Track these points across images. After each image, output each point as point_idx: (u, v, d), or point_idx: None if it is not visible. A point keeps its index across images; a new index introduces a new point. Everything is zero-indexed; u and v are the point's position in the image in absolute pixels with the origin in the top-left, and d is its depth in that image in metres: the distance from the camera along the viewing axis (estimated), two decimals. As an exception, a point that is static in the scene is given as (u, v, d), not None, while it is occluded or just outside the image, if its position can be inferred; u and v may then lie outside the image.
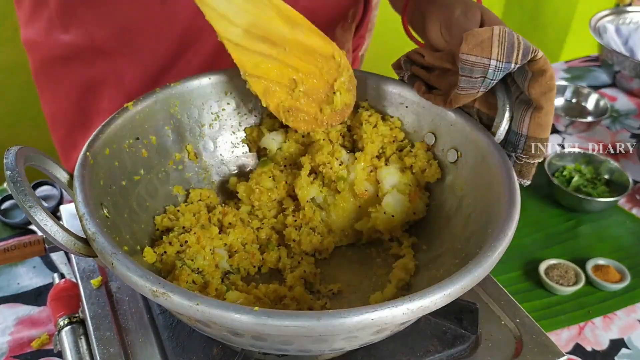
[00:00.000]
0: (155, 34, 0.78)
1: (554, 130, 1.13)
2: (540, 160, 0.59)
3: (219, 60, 0.82)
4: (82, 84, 0.86)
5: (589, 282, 0.81)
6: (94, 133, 0.55)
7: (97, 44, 0.80)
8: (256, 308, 0.38)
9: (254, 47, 0.55)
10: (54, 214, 0.85)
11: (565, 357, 0.57)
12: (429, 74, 0.64)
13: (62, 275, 0.69)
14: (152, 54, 0.80)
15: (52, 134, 0.99)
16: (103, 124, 0.56)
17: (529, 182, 0.60)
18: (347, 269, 0.64)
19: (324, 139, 0.66)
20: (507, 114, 0.59)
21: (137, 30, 0.78)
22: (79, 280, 0.62)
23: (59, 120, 0.95)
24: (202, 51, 0.80)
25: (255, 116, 0.70)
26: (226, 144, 0.70)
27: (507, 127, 0.59)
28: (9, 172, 0.45)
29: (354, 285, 0.62)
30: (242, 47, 0.55)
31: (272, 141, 0.68)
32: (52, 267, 0.79)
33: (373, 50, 1.37)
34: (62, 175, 0.52)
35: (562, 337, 0.74)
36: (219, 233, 0.61)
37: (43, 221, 0.44)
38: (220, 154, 0.69)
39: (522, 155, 0.59)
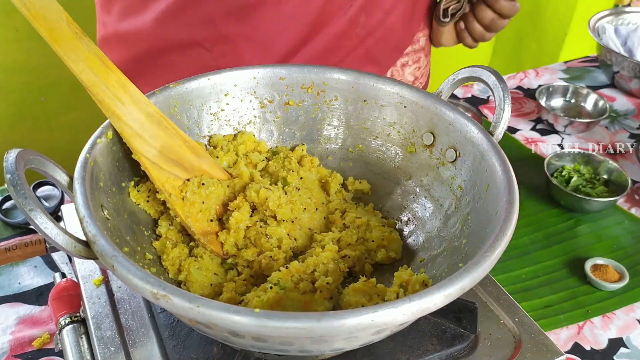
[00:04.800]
0: (290, 18, 0.78)
1: (553, 131, 1.14)
2: None
3: (339, 44, 0.83)
4: (198, 69, 0.86)
5: (587, 281, 0.82)
6: (94, 135, 0.55)
7: (220, 31, 0.80)
8: (257, 310, 0.38)
9: (169, 168, 0.57)
10: (55, 213, 0.85)
11: (564, 357, 0.57)
12: None
13: (63, 275, 0.69)
14: (282, 39, 0.80)
15: None
16: (103, 125, 0.56)
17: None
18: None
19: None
20: (505, 114, 0.59)
21: (269, 16, 0.78)
22: (80, 280, 0.62)
23: None
24: (328, 34, 0.81)
25: (254, 116, 0.70)
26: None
27: (505, 127, 0.60)
28: (8, 175, 0.45)
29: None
30: (159, 167, 0.57)
31: None
32: (53, 267, 0.79)
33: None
34: (62, 178, 0.51)
35: (561, 337, 0.74)
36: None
37: (43, 224, 0.44)
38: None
39: None
